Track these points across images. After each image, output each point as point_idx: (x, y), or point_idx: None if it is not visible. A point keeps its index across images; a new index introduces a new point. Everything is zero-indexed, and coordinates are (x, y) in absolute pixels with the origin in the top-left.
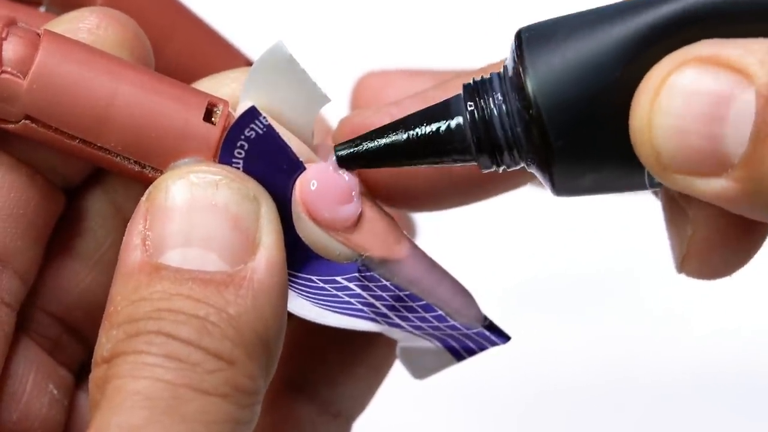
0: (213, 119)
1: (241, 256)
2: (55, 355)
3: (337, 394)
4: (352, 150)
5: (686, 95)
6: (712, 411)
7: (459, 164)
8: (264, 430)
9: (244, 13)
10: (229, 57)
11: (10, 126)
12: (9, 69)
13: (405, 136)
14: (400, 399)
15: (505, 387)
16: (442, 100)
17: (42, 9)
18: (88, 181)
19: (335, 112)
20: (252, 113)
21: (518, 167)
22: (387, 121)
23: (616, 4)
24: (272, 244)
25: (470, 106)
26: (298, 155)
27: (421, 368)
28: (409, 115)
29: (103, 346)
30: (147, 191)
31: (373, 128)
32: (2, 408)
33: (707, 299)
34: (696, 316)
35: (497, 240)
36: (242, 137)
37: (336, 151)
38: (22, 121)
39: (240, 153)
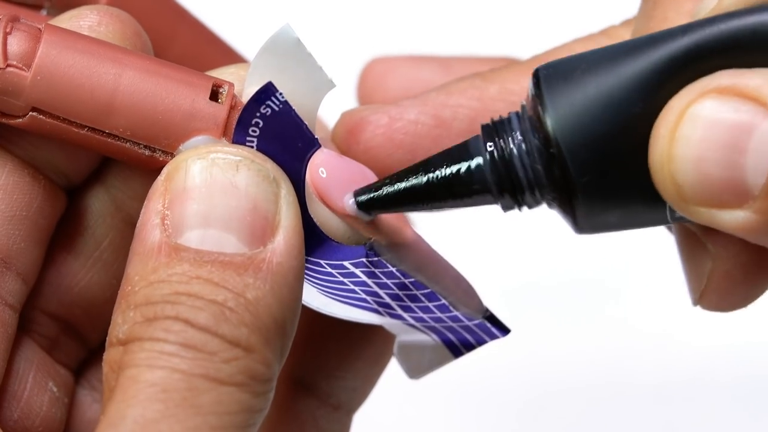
0: (219, 100)
1: (261, 238)
2: (53, 354)
3: (337, 387)
4: (371, 195)
5: (706, 126)
6: (712, 411)
7: (480, 205)
8: (265, 423)
9: (245, 16)
10: (229, 60)
11: (18, 120)
12: (14, 63)
13: (424, 179)
14: (398, 397)
15: (503, 386)
16: (443, 103)
17: (43, 12)
18: (89, 180)
19: (340, 102)
20: (269, 90)
21: (539, 207)
22: (385, 120)
23: (632, 39)
24: (291, 227)
25: (489, 146)
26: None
27: (416, 366)
28: (428, 158)
29: (119, 327)
30: (164, 170)
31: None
32: (4, 407)
33: None
34: (697, 315)
35: (496, 242)
36: (258, 114)
37: (356, 197)
38: (29, 113)
39: (254, 131)
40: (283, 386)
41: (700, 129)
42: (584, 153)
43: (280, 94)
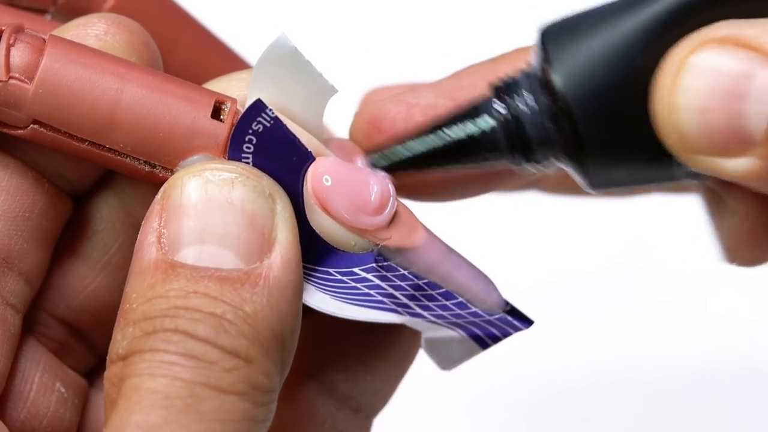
0: (221, 117)
1: (257, 253)
2: (62, 357)
3: (357, 389)
4: (385, 157)
5: (706, 74)
6: (719, 409)
7: (490, 164)
8: (284, 424)
9: (248, 22)
10: (233, 65)
11: (19, 131)
12: (17, 75)
13: (438, 140)
14: (409, 397)
15: (514, 387)
16: (457, 86)
17: (48, 17)
18: (98, 185)
19: (343, 124)
20: (258, 107)
21: (551, 164)
22: (404, 109)
23: None
24: (287, 242)
25: (500, 106)
26: (307, 146)
27: (446, 359)
28: (438, 120)
29: (119, 343)
30: (161, 189)
31: (394, 120)
32: (9, 407)
33: (714, 298)
34: (702, 315)
35: (502, 244)
36: (250, 131)
37: (369, 160)
38: (31, 125)
39: (249, 147)
40: (302, 387)
41: (700, 78)
42: (591, 105)
43: (270, 110)
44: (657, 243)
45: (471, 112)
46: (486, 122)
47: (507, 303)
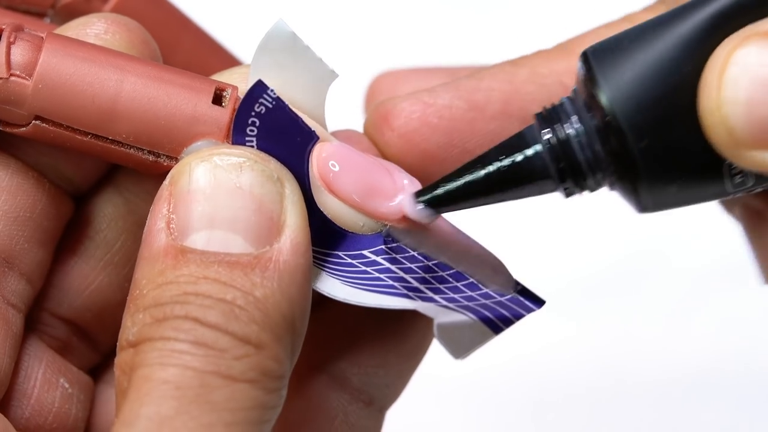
0: (222, 104)
1: (267, 237)
2: (65, 356)
3: (369, 383)
4: (432, 194)
5: (752, 67)
6: (721, 408)
7: (540, 194)
8: (295, 417)
9: (249, 26)
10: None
11: (22, 130)
12: (18, 72)
13: (483, 172)
14: (417, 397)
15: (520, 386)
16: (475, 87)
17: (47, 20)
18: (99, 184)
19: (349, 113)
20: (259, 88)
21: (601, 189)
22: (418, 108)
23: (672, 9)
24: (297, 225)
25: (546, 132)
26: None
27: (459, 346)
28: (484, 153)
29: (129, 329)
30: (169, 175)
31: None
32: (14, 405)
33: (716, 298)
34: (705, 315)
35: (502, 244)
36: (253, 114)
37: (417, 198)
38: (33, 122)
39: (252, 131)
40: (314, 380)
41: (746, 71)
42: (640, 117)
43: (272, 90)
44: (658, 242)
45: (517, 141)
46: (532, 149)
47: (518, 283)
